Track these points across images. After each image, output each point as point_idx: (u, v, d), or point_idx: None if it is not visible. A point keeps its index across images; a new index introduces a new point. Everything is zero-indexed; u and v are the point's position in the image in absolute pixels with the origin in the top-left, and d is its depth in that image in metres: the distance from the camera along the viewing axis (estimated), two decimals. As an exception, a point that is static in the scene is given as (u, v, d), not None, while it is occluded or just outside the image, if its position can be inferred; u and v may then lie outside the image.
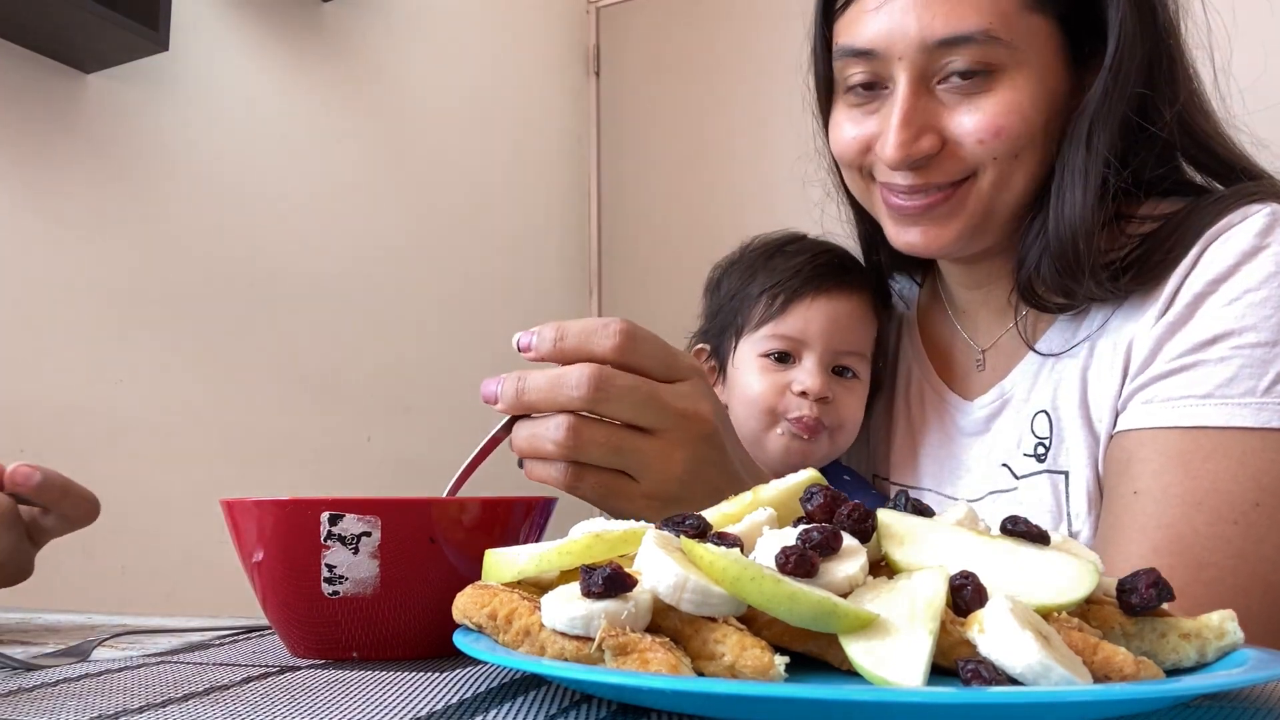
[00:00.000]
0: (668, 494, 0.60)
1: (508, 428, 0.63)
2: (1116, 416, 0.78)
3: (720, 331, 1.00)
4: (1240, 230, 0.74)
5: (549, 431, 0.59)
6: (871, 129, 0.82)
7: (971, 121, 0.77)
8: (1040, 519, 0.80)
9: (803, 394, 0.92)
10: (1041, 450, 0.83)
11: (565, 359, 0.60)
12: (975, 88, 0.77)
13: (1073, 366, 0.82)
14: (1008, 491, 0.85)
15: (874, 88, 0.81)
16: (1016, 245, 0.84)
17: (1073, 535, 0.79)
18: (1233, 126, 0.84)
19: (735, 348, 0.98)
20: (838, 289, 0.95)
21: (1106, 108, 0.77)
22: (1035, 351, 0.85)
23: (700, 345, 1.03)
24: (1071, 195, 0.77)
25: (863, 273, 0.99)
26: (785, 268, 0.96)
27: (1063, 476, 0.81)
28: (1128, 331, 0.78)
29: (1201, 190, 0.83)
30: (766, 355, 0.95)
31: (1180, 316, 0.75)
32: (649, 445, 0.60)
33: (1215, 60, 0.83)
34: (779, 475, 1.02)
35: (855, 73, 0.81)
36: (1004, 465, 0.86)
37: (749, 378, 0.95)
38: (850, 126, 0.83)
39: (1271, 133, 0.88)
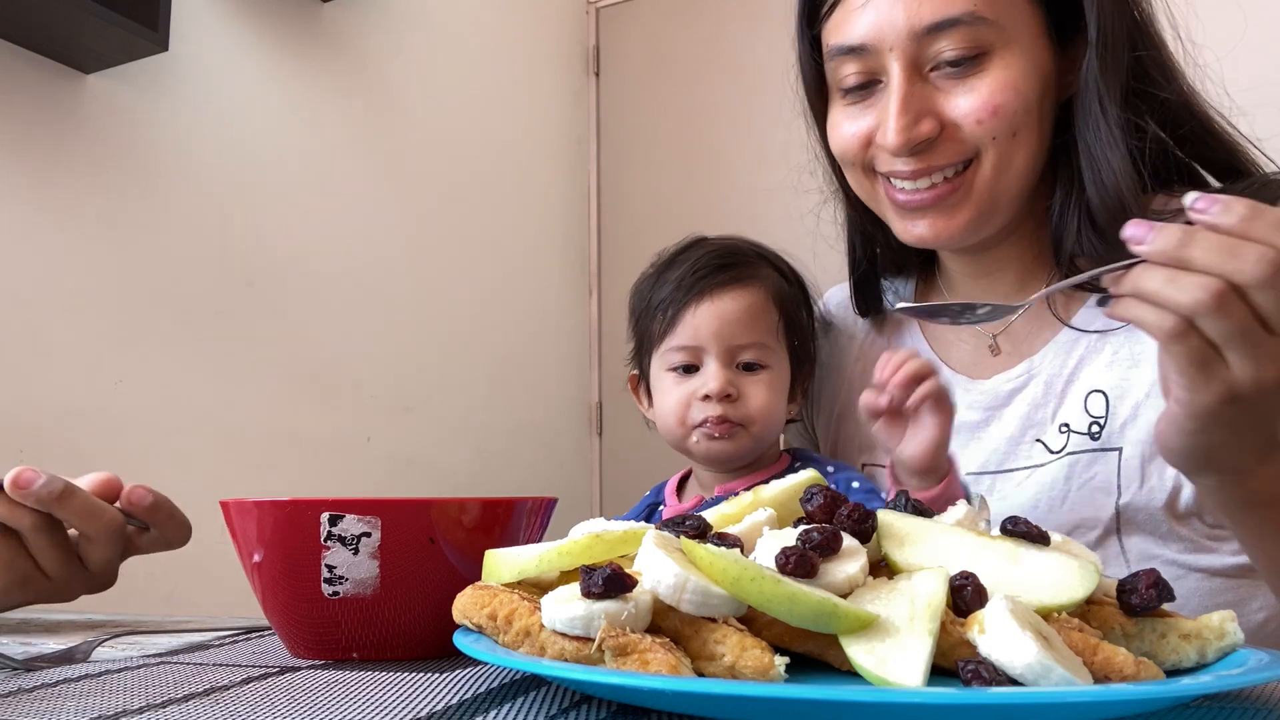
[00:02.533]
0: (1241, 392, 0.57)
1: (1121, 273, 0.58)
2: None
3: (639, 352, 1.03)
4: None
5: (1193, 290, 0.55)
6: (870, 122, 0.83)
7: (968, 103, 0.78)
8: (1089, 494, 0.82)
9: (706, 397, 0.94)
10: (1096, 429, 0.84)
11: (1247, 235, 0.55)
12: (968, 71, 0.78)
13: (1145, 351, 0.81)
14: (1043, 466, 0.86)
15: (869, 86, 0.83)
16: (1021, 230, 0.86)
17: (1122, 506, 0.81)
18: (1217, 104, 0.84)
19: (650, 365, 1.01)
20: (721, 289, 0.96)
21: (1105, 78, 0.78)
22: (1070, 327, 0.86)
23: (632, 371, 1.06)
24: (1108, 163, 0.79)
25: (751, 265, 0.99)
26: (671, 280, 0.98)
27: (1116, 452, 0.83)
28: None
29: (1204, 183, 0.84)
30: (673, 369, 0.97)
31: None
32: (1268, 345, 0.56)
33: (1181, 34, 0.85)
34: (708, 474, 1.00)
35: (849, 73, 0.83)
36: (1038, 441, 0.87)
37: (662, 392, 0.99)
38: (849, 124, 0.85)
39: (1245, 102, 0.88)
